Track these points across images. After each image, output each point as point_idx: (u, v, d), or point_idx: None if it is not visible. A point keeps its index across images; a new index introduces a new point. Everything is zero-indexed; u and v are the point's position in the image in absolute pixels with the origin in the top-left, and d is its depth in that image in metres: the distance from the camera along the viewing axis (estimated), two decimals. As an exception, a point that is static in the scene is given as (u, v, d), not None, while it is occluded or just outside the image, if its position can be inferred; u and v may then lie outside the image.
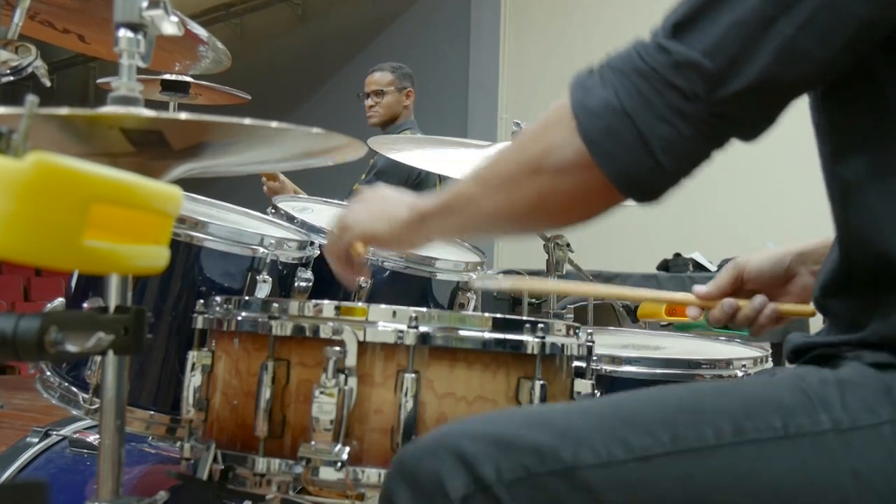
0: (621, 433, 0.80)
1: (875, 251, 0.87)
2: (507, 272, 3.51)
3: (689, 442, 0.81)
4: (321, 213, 1.82)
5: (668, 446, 0.80)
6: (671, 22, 0.84)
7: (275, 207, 1.68)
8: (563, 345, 1.05)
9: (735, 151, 0.90)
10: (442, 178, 4.12)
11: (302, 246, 1.50)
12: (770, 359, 1.69)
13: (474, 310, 1.68)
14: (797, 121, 0.98)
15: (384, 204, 1.09)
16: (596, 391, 1.10)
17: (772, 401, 0.85)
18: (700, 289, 1.26)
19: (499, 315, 1.02)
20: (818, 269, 1.24)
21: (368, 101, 4.29)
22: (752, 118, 0.85)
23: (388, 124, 4.25)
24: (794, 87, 0.84)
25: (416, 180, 4.07)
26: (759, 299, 1.19)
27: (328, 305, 1.00)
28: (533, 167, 0.91)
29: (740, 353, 1.70)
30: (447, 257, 1.68)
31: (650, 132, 0.83)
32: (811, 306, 1.24)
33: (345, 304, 1.01)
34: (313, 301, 1.03)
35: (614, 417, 0.83)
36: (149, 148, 0.95)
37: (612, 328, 2.04)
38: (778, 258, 1.24)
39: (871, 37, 0.82)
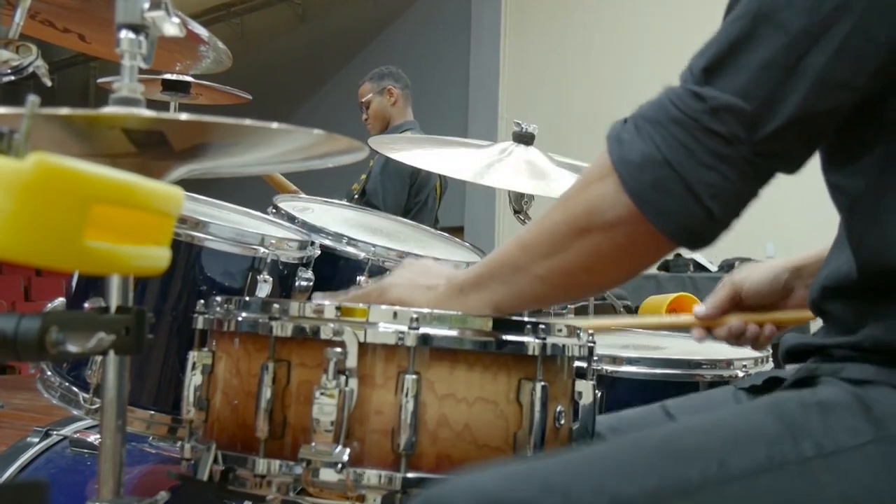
0: (607, 483, 0.79)
1: (881, 261, 0.87)
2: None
3: (675, 485, 0.80)
4: (322, 213, 1.82)
5: (653, 491, 0.79)
6: (701, 66, 0.84)
7: (275, 207, 1.68)
8: (564, 345, 1.05)
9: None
10: (442, 178, 4.12)
11: (302, 246, 1.50)
12: (770, 359, 1.69)
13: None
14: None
15: (424, 276, 1.08)
16: (597, 391, 1.10)
17: (753, 433, 0.84)
18: (700, 310, 1.27)
19: (499, 316, 1.02)
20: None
21: (363, 115, 4.36)
22: (795, 151, 0.85)
23: (386, 129, 4.26)
24: (833, 115, 0.84)
25: (416, 180, 4.08)
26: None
27: (329, 306, 1.00)
28: (580, 227, 0.90)
29: (740, 353, 1.70)
30: (447, 257, 1.68)
31: (696, 181, 0.82)
32: (809, 312, 1.24)
33: (345, 304, 1.01)
34: (314, 301, 1.02)
35: (599, 467, 0.82)
36: (150, 148, 0.95)
37: (630, 330, 2.04)
38: (774, 276, 1.25)
39: None
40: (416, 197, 4.08)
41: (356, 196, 4.04)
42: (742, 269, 1.29)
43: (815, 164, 0.96)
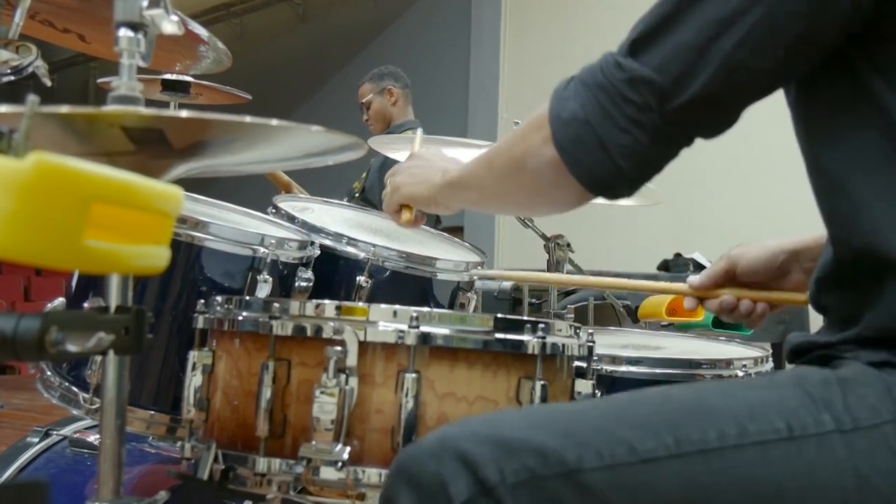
0: (625, 435, 0.81)
1: (861, 242, 0.88)
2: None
3: (693, 444, 0.81)
4: (321, 213, 1.82)
5: (672, 448, 0.80)
6: (630, 39, 0.94)
7: (275, 207, 1.68)
8: (563, 345, 1.05)
9: (735, 152, 0.91)
10: None
11: (302, 246, 1.50)
12: (770, 359, 1.69)
13: (475, 310, 1.68)
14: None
15: (425, 167, 1.29)
16: (597, 391, 1.10)
17: (775, 402, 0.85)
18: (694, 280, 1.29)
19: (499, 315, 1.02)
20: (811, 267, 1.25)
21: (364, 116, 4.36)
22: (706, 123, 0.94)
23: (387, 128, 4.27)
24: (741, 94, 0.92)
25: None
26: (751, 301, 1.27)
27: (329, 305, 1.00)
28: (518, 165, 1.04)
29: (740, 353, 1.70)
30: (447, 257, 1.68)
31: (611, 140, 0.93)
32: (803, 295, 1.25)
33: (345, 303, 1.01)
34: (314, 301, 1.02)
35: (618, 419, 0.83)
36: (149, 147, 0.94)
37: (612, 328, 2.04)
38: (771, 255, 1.26)
39: (813, 47, 0.89)
40: None
41: (357, 195, 4.04)
42: (741, 245, 1.29)
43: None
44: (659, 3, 0.93)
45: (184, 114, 0.89)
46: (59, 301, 1.45)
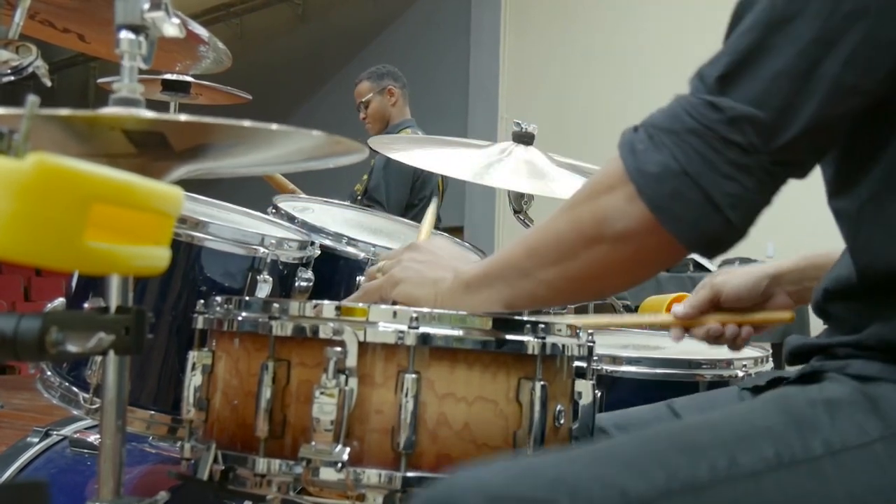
0: (615, 479, 0.79)
1: (884, 264, 0.87)
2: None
3: (684, 481, 0.80)
4: (321, 213, 1.82)
5: (663, 488, 0.79)
6: (714, 76, 0.84)
7: (275, 207, 1.68)
8: (563, 345, 1.05)
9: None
10: (444, 178, 4.11)
11: (302, 246, 1.50)
12: (770, 359, 1.69)
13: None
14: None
15: (432, 265, 1.10)
16: (596, 391, 1.10)
17: (762, 429, 0.84)
18: (679, 309, 1.28)
19: (499, 315, 1.02)
20: (794, 290, 1.26)
21: (361, 114, 4.33)
22: (812, 156, 0.86)
23: (385, 128, 4.26)
24: (844, 120, 0.85)
25: (420, 178, 4.07)
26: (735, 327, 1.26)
27: (328, 306, 1.00)
28: (591, 237, 0.91)
29: (740, 353, 1.70)
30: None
31: (715, 190, 0.83)
32: (788, 313, 1.25)
33: (345, 304, 1.01)
34: (314, 301, 1.03)
35: (607, 462, 0.82)
36: (150, 149, 0.95)
37: (612, 328, 2.04)
38: (754, 282, 1.26)
39: None
40: (419, 194, 4.07)
41: (359, 196, 4.04)
42: (722, 272, 1.30)
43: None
44: (740, 33, 0.85)
45: (184, 117, 0.89)
46: (59, 301, 1.45)
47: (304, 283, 1.49)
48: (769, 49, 0.82)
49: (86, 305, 1.17)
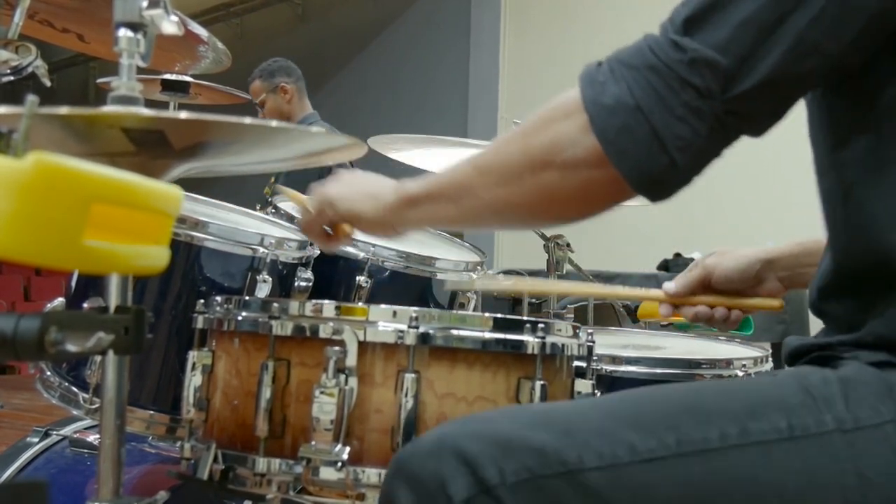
0: (626, 435, 0.80)
1: (873, 250, 0.87)
2: (508, 272, 3.51)
3: (694, 444, 0.80)
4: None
5: (673, 448, 0.80)
6: (682, 17, 0.83)
7: (275, 207, 1.68)
8: (563, 345, 1.05)
9: (735, 151, 0.90)
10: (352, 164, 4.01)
11: (302, 246, 1.50)
12: (770, 359, 1.69)
13: (474, 310, 1.68)
14: (799, 121, 0.98)
15: (367, 185, 1.06)
16: (596, 391, 1.10)
17: (776, 401, 0.84)
18: (670, 286, 1.28)
19: (499, 315, 1.02)
20: (785, 275, 1.25)
21: (259, 115, 4.13)
22: (764, 114, 0.85)
23: None
24: (803, 81, 0.84)
25: (329, 173, 3.97)
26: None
27: (328, 305, 1.00)
28: (540, 162, 0.89)
29: (740, 353, 1.70)
30: (447, 257, 1.68)
31: (666, 130, 0.82)
32: (777, 301, 1.25)
33: (345, 304, 1.01)
34: (313, 301, 1.03)
35: (619, 418, 0.82)
36: (149, 147, 0.95)
37: (612, 328, 2.04)
38: (746, 265, 1.25)
39: (880, 30, 0.81)
40: None
41: (269, 199, 3.91)
42: (715, 252, 1.29)
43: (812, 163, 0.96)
44: None
45: (184, 115, 0.89)
46: (59, 301, 1.45)
47: (303, 283, 1.49)
48: None
49: (85, 305, 1.17)
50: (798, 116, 0.97)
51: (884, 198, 0.86)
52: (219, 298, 1.11)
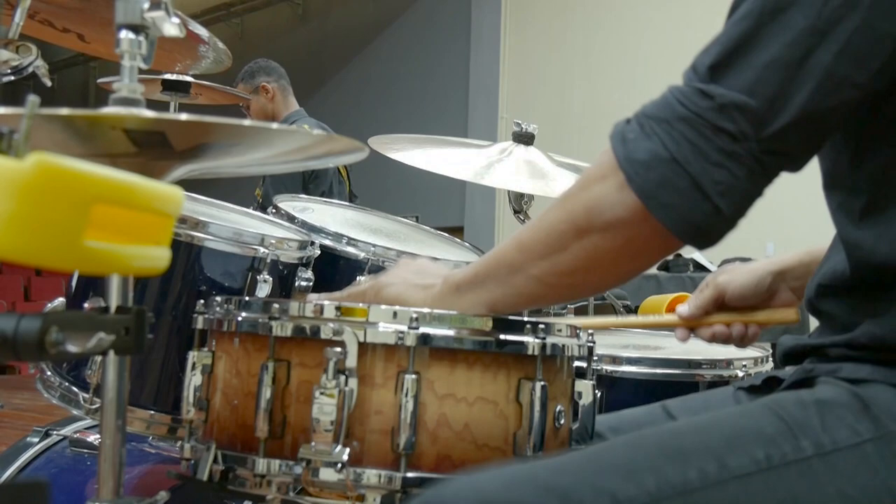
0: (607, 484, 0.79)
1: (876, 259, 0.87)
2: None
3: (675, 485, 0.80)
4: (321, 212, 1.82)
5: (654, 493, 0.79)
6: (707, 64, 0.84)
7: (275, 207, 1.68)
8: (563, 345, 1.05)
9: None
10: (345, 166, 3.98)
11: (302, 246, 1.50)
12: (770, 359, 1.69)
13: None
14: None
15: (420, 275, 1.08)
16: (596, 391, 1.10)
17: (752, 432, 0.84)
18: (684, 310, 1.28)
19: (499, 316, 1.02)
20: (797, 286, 1.25)
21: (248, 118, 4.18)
22: (802, 148, 0.85)
23: None
24: (837, 113, 0.84)
25: (312, 177, 3.96)
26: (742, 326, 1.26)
27: (328, 306, 1.00)
28: (581, 228, 0.89)
29: (740, 353, 1.70)
30: (447, 257, 1.68)
31: (705, 178, 0.82)
32: (794, 313, 1.25)
33: (345, 304, 1.01)
34: (313, 301, 1.02)
35: (598, 468, 0.82)
36: (150, 148, 0.95)
37: (615, 328, 2.04)
38: (758, 279, 1.25)
39: None
40: (315, 190, 3.90)
41: (260, 201, 3.90)
42: (725, 270, 1.29)
43: (815, 166, 0.96)
44: (733, 21, 0.84)
45: (184, 117, 0.89)
46: (59, 301, 1.45)
47: (304, 283, 1.49)
48: (762, 38, 0.81)
49: (86, 305, 1.17)
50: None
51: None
52: (219, 298, 1.11)
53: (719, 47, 0.83)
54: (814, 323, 1.04)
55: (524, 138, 1.94)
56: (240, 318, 1.05)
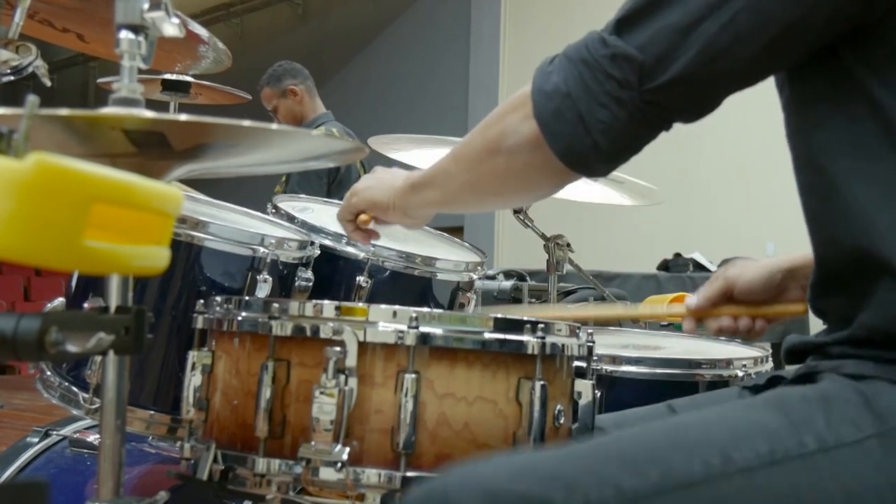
0: (611, 475, 0.79)
1: (857, 238, 0.88)
2: (508, 273, 3.51)
3: (679, 478, 0.80)
4: (321, 212, 1.82)
5: (658, 485, 0.79)
6: (616, 18, 0.94)
7: (275, 207, 1.68)
8: (563, 345, 1.05)
9: (735, 153, 0.91)
10: (363, 162, 4.02)
11: (302, 246, 1.50)
12: (770, 359, 1.69)
13: (475, 310, 1.68)
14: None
15: (389, 176, 1.25)
16: (596, 391, 1.10)
17: (756, 426, 0.85)
18: (692, 301, 1.28)
19: (499, 315, 1.02)
20: (808, 284, 1.26)
21: (275, 122, 4.16)
22: (684, 106, 0.95)
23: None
24: (721, 79, 0.93)
25: (336, 177, 3.98)
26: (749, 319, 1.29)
27: (328, 305, 1.00)
28: (492, 148, 1.03)
29: (740, 353, 1.71)
30: (447, 257, 1.68)
31: (589, 115, 0.93)
32: (802, 305, 1.25)
33: (345, 304, 1.01)
34: (313, 301, 1.03)
35: (603, 459, 0.82)
36: (150, 149, 0.95)
37: (612, 328, 2.05)
38: (768, 275, 1.26)
39: (799, 39, 0.89)
40: (336, 195, 3.94)
41: None
42: (735, 264, 1.29)
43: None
44: None
45: (184, 117, 0.89)
46: (59, 301, 1.45)
47: (303, 283, 1.49)
48: (665, 2, 0.91)
49: (86, 305, 1.17)
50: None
51: (865, 184, 0.87)
52: (219, 298, 1.11)
53: (630, 5, 0.93)
54: (814, 324, 1.04)
55: (524, 138, 1.94)
56: (240, 318, 1.05)
